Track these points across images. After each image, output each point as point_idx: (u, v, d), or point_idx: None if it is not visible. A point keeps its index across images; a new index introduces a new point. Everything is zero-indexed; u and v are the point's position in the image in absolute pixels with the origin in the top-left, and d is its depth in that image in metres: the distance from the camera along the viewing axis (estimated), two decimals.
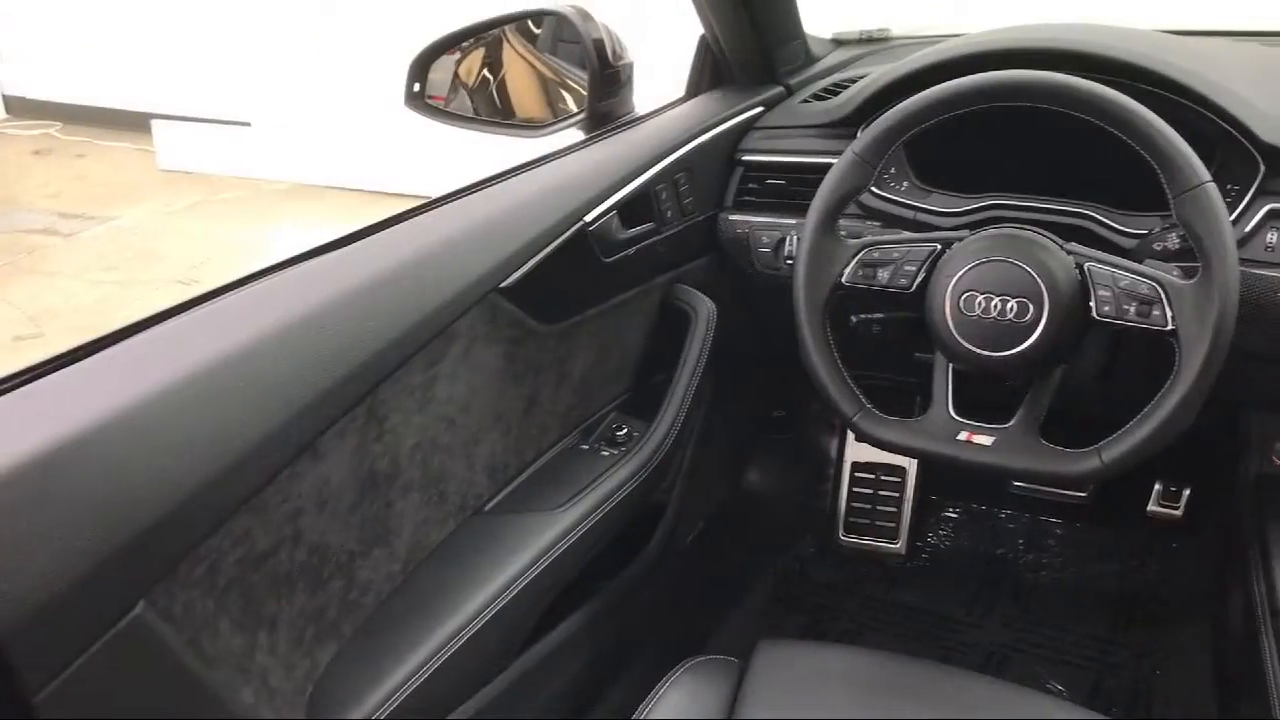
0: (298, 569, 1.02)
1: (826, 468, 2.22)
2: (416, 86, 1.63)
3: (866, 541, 2.20)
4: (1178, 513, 1.99)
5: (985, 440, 1.22)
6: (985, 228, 1.27)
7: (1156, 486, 2.01)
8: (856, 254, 1.28)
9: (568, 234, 1.30)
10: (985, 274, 1.20)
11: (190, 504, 0.83)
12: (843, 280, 1.28)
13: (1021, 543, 2.18)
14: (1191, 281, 1.14)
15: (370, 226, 1.15)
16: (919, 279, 1.25)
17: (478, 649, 1.17)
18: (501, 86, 1.77)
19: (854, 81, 1.60)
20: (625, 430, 1.47)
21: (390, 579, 1.16)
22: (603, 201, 1.36)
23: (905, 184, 1.50)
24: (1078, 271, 1.20)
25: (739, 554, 2.09)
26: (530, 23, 1.74)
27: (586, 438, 1.47)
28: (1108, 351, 1.42)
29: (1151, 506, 2.01)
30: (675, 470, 1.61)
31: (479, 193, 1.29)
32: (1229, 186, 1.32)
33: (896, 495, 2.20)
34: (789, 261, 1.54)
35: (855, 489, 2.21)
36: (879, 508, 2.20)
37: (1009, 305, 1.19)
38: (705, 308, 1.54)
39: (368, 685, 1.08)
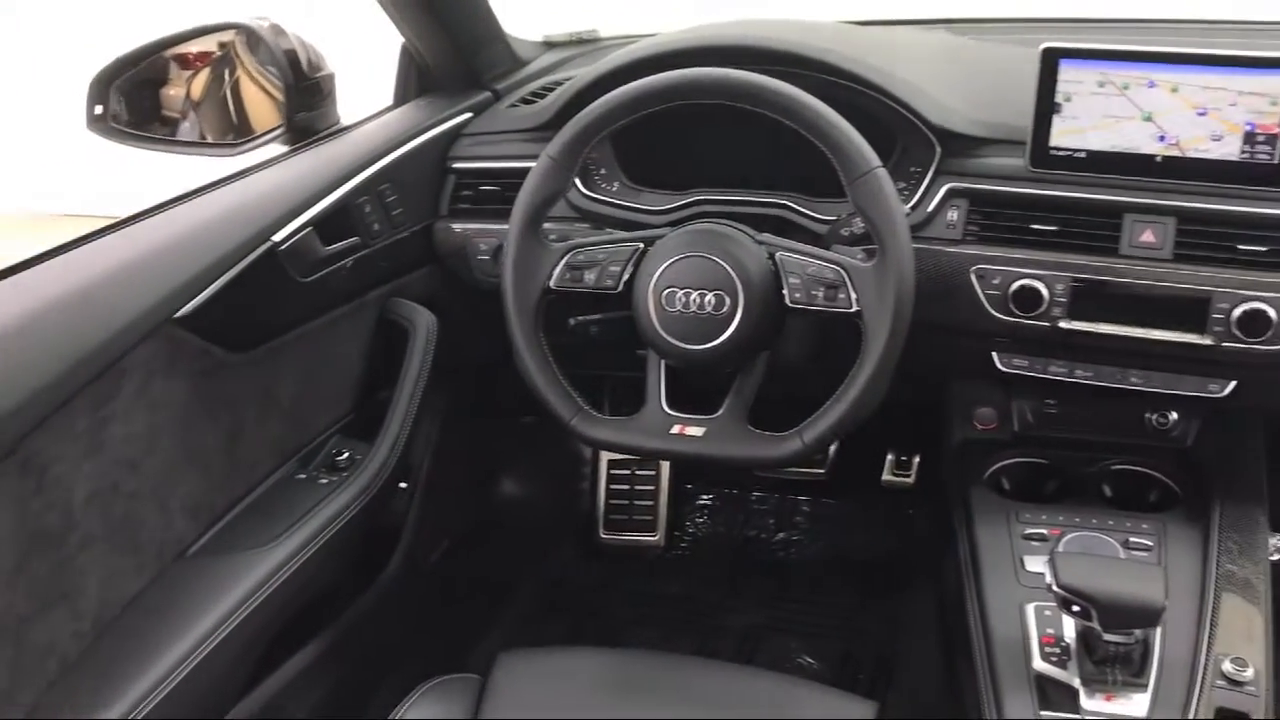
0: None
1: (583, 468, 2.23)
2: (99, 108, 1.52)
3: (627, 537, 2.22)
4: (910, 480, 2.09)
5: (696, 432, 1.24)
6: (686, 224, 1.30)
7: (889, 456, 2.10)
8: (563, 257, 1.27)
9: (254, 255, 1.24)
10: (683, 270, 1.23)
11: None
12: (551, 285, 1.27)
13: (772, 522, 2.25)
14: (871, 264, 1.19)
15: (20, 264, 1.06)
16: (624, 278, 1.26)
17: (186, 699, 1.11)
18: (230, 103, 1.68)
19: (561, 84, 1.60)
20: (347, 454, 1.42)
21: (78, 639, 1.08)
22: (295, 218, 1.31)
23: (616, 184, 1.51)
24: (770, 261, 1.23)
25: (497, 565, 2.06)
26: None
27: (305, 466, 1.41)
28: (818, 334, 1.46)
29: (886, 476, 2.11)
30: (411, 489, 1.57)
31: (155, 216, 1.21)
32: (912, 169, 1.39)
33: (652, 488, 2.23)
34: None
35: (613, 486, 2.23)
36: (636, 502, 2.23)
37: (707, 298, 1.21)
38: (424, 320, 1.51)
39: None
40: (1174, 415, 1.46)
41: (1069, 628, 1.14)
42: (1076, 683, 1.10)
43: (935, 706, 1.55)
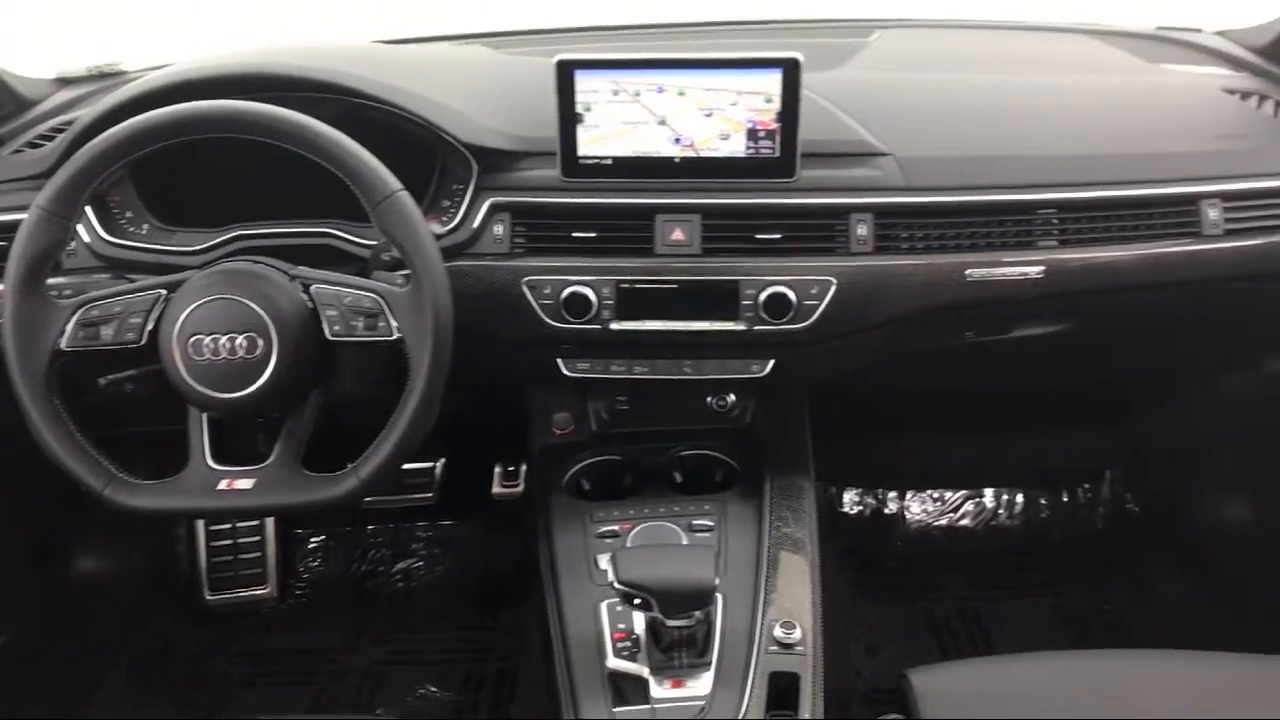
0: None
1: (176, 529, 2.08)
2: None
3: (236, 594, 2.10)
4: (519, 489, 2.09)
5: (246, 484, 1.18)
6: (215, 265, 1.23)
7: (497, 469, 2.10)
8: (73, 314, 1.17)
9: None
10: (209, 314, 1.16)
11: None
12: (62, 346, 1.16)
13: (390, 553, 2.20)
14: (408, 288, 1.17)
15: None
16: (147, 329, 1.18)
17: None
18: None
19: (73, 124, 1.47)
20: None
21: None
22: None
23: (146, 226, 1.41)
24: (306, 295, 1.19)
25: (79, 648, 1.87)
26: None
27: None
28: (384, 361, 1.43)
29: (496, 488, 2.10)
30: None
31: None
32: (454, 188, 1.38)
33: (258, 539, 2.12)
34: None
35: (213, 543, 2.10)
36: (241, 556, 2.11)
37: (238, 342, 1.15)
38: None
39: None
40: (732, 397, 1.54)
41: (639, 621, 1.18)
42: (646, 673, 1.14)
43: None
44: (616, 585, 1.11)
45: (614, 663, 1.16)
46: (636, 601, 1.11)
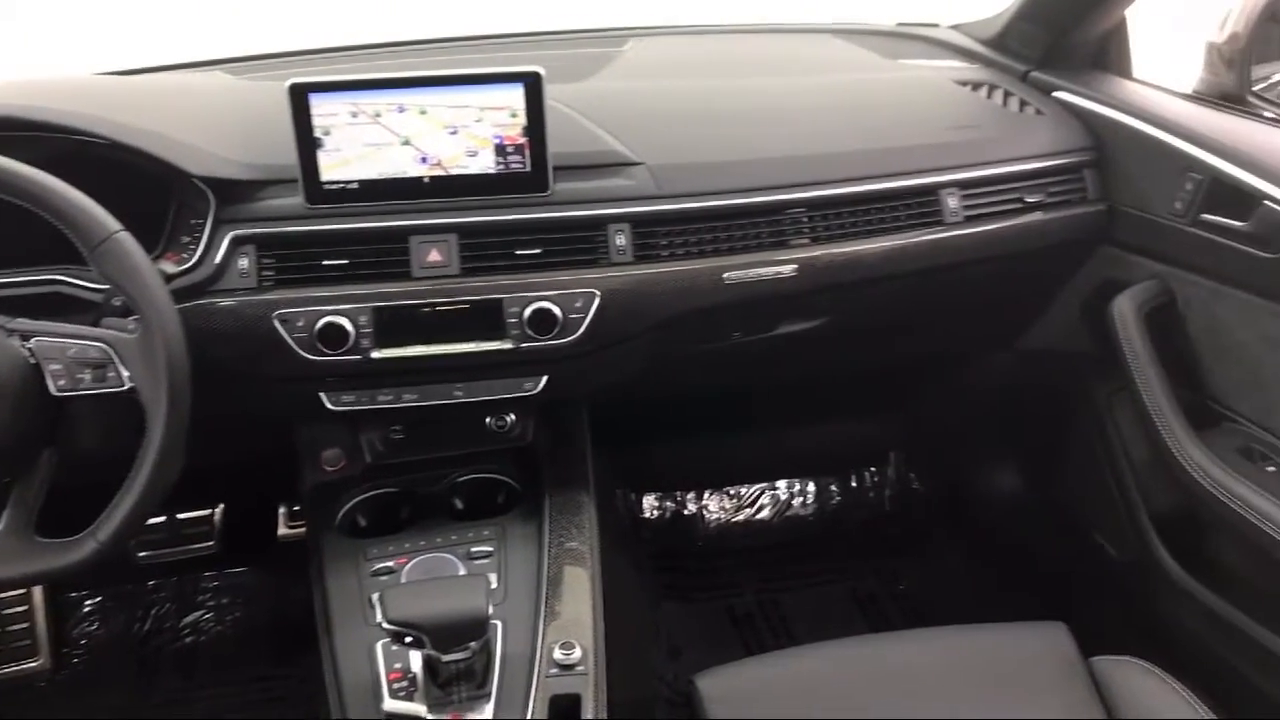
0: None
1: None
2: None
3: (2, 670, 1.94)
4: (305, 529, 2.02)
5: None
6: None
7: (281, 510, 2.02)
8: None
9: None
10: None
11: None
12: None
13: (174, 608, 2.08)
14: (137, 335, 1.10)
15: None
16: None
17: None
18: None
19: None
20: None
21: None
22: None
23: None
24: (25, 350, 1.11)
25: None
26: None
27: None
28: (133, 410, 1.35)
29: (282, 530, 2.02)
30: None
31: None
32: (193, 223, 1.31)
33: (25, 608, 1.97)
34: None
35: None
36: (8, 628, 1.96)
37: None
38: None
39: None
40: (511, 417, 1.51)
41: (415, 659, 1.14)
42: (424, 711, 1.10)
43: None
44: (385, 625, 1.07)
45: (390, 705, 1.11)
46: (408, 639, 1.07)
